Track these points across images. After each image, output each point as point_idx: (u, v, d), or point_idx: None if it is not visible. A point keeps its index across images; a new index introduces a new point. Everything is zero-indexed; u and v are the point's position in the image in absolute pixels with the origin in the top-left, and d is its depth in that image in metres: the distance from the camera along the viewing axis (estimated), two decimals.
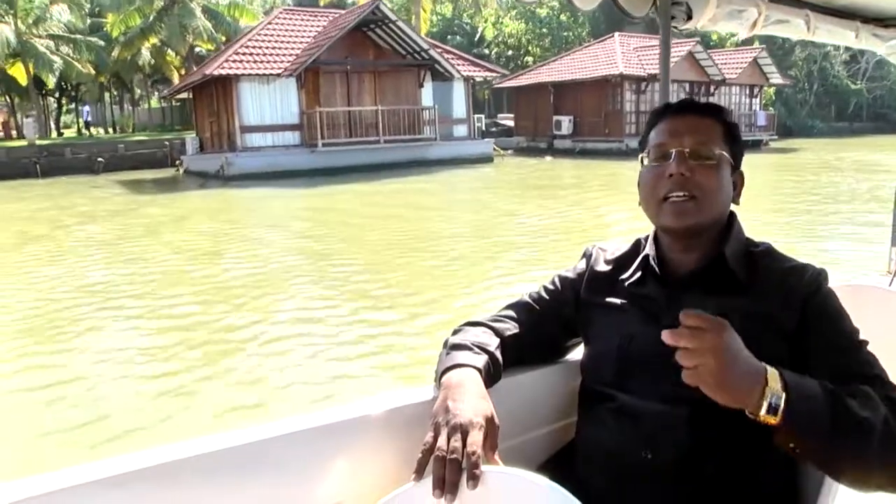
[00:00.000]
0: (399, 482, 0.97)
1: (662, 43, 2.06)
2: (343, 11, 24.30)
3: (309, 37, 21.70)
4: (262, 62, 20.16)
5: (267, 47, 20.71)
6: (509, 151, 26.00)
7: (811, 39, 2.33)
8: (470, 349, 1.14)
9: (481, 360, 1.12)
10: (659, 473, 1.04)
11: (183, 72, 34.29)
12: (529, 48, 39.24)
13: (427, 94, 22.45)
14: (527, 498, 0.89)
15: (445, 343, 1.20)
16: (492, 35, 40.09)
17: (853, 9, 2.33)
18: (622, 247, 1.26)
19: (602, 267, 1.25)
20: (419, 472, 0.94)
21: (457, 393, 1.03)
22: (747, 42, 31.56)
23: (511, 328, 1.24)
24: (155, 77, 39.05)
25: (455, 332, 1.23)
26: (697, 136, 1.10)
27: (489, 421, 0.99)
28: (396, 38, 21.34)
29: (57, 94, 36.99)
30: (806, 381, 0.91)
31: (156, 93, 42.22)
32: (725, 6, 1.95)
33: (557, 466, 1.16)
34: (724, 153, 1.11)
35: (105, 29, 32.57)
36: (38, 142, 26.21)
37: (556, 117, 27.96)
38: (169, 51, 33.42)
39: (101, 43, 31.30)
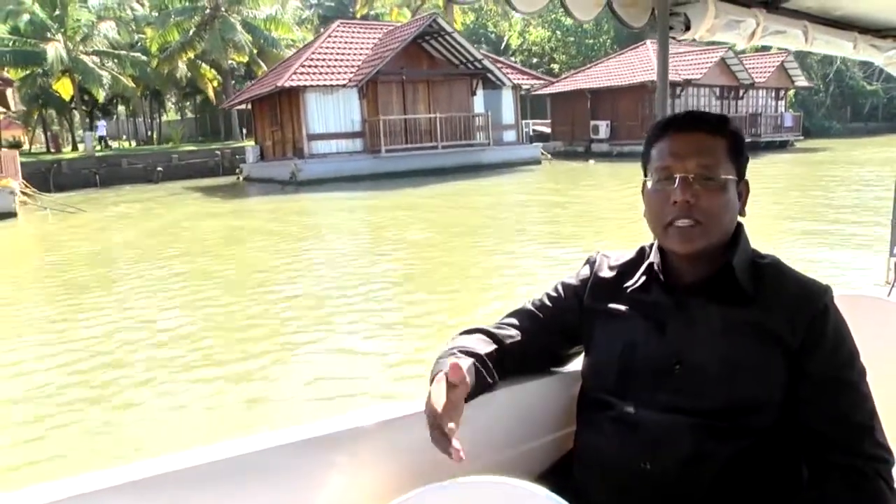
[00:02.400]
0: (396, 492, 0.97)
1: (660, 53, 2.02)
2: (399, 24, 25.34)
3: (366, 48, 22.68)
4: (325, 74, 21.15)
5: (330, 60, 21.71)
6: (548, 156, 26.95)
7: (809, 50, 2.33)
8: (453, 354, 1.16)
9: (465, 362, 1.11)
10: (658, 483, 1.04)
11: (215, 84, 35.28)
12: (555, 56, 40.32)
13: (479, 102, 23.45)
14: None
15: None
16: (517, 43, 41.18)
17: (851, 20, 2.33)
18: (626, 254, 1.25)
19: (606, 274, 1.23)
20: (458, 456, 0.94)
21: (432, 391, 1.03)
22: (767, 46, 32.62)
23: (513, 335, 1.24)
24: (187, 90, 39.95)
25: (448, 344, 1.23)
26: (702, 159, 1.06)
27: (447, 377, 1.01)
28: (451, 49, 22.35)
29: (88, 109, 37.77)
30: None
31: (187, 104, 43.13)
32: (723, 17, 1.94)
33: (557, 476, 1.17)
34: (730, 175, 1.08)
35: (142, 44, 33.57)
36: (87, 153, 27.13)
37: (593, 122, 29.03)
38: (203, 64, 34.33)
39: (144, 58, 32.28)
